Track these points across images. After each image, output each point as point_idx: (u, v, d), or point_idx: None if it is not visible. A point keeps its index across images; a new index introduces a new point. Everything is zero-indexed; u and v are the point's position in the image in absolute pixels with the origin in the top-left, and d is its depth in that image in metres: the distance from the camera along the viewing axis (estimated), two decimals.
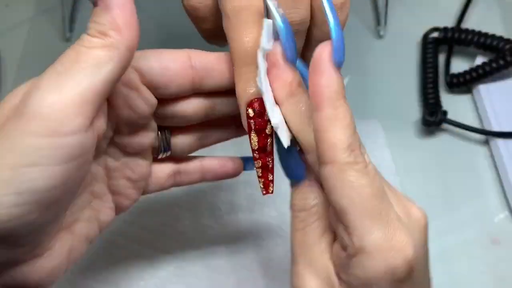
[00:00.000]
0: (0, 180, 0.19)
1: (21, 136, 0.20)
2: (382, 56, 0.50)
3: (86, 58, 0.21)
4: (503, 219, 0.42)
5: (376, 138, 0.44)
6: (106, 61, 0.21)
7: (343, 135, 0.22)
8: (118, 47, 0.22)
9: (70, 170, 0.21)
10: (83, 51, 0.21)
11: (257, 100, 0.25)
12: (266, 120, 0.25)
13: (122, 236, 0.40)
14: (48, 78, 0.21)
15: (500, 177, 0.43)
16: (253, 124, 0.25)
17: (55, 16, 0.52)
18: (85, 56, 0.21)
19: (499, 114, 0.44)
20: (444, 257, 0.40)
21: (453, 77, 0.47)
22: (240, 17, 0.24)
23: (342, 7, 0.26)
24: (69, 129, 0.20)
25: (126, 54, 0.22)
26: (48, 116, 0.20)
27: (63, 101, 0.20)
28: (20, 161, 0.20)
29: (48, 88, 0.21)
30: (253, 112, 0.25)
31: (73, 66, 0.21)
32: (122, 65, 0.22)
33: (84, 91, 0.21)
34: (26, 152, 0.20)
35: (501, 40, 0.45)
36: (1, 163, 0.20)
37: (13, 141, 0.20)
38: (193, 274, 0.38)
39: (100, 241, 0.39)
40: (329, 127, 0.22)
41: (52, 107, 0.20)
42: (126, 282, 0.38)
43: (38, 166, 0.20)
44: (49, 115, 0.20)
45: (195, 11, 0.27)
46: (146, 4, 0.54)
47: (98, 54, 0.21)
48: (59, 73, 0.21)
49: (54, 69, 0.21)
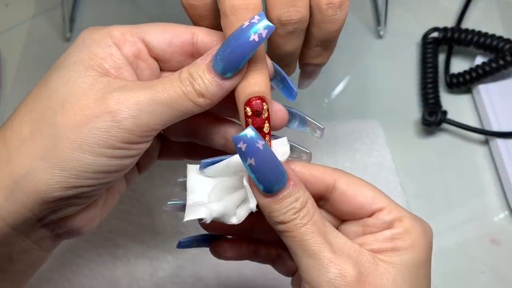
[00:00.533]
0: (84, 163, 0.23)
1: (113, 133, 0.23)
2: (382, 56, 0.50)
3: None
4: (502, 219, 0.42)
5: (376, 138, 0.44)
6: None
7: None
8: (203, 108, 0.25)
9: (133, 162, 0.26)
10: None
11: (255, 98, 0.25)
12: (264, 119, 0.25)
13: (122, 236, 0.40)
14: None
15: (500, 177, 0.43)
16: (250, 123, 0.25)
17: (55, 16, 0.52)
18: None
19: (499, 114, 0.44)
20: (444, 257, 0.40)
21: (453, 77, 0.47)
22: (238, 16, 0.24)
23: (341, 6, 0.26)
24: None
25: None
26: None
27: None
28: (101, 151, 0.23)
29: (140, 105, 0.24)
30: (251, 111, 0.25)
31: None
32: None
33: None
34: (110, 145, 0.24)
35: (501, 40, 0.45)
36: (87, 148, 0.23)
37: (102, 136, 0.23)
38: (193, 274, 0.38)
39: (101, 241, 0.39)
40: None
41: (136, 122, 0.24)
42: (126, 282, 0.38)
43: (116, 158, 0.24)
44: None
45: (193, 9, 0.27)
46: (146, 4, 0.54)
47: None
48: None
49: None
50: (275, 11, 0.25)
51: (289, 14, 0.25)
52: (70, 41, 0.51)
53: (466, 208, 0.42)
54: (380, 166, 0.43)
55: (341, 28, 0.27)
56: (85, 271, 0.38)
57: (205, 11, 0.27)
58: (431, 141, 0.45)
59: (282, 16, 0.25)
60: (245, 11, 0.24)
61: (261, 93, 0.25)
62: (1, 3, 0.54)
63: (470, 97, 0.47)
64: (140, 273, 0.39)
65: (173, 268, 0.39)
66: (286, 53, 0.28)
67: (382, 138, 0.44)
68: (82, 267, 0.38)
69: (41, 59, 0.50)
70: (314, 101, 0.47)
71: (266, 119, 0.25)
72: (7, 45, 0.51)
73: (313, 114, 0.46)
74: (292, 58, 0.28)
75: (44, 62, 0.50)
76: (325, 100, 0.47)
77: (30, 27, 0.52)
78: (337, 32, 0.27)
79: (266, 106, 0.25)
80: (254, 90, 0.25)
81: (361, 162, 0.43)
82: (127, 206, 0.41)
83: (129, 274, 0.38)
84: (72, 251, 0.39)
